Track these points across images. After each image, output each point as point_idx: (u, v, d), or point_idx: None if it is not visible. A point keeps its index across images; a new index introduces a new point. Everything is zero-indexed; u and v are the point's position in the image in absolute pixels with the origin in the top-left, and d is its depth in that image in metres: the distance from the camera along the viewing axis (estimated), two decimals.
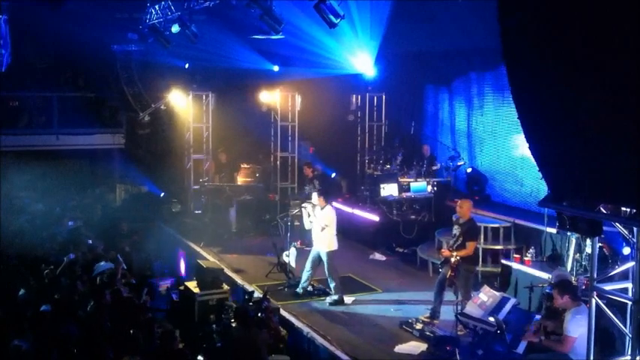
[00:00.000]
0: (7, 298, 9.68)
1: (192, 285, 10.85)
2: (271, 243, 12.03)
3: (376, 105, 16.59)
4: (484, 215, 11.69)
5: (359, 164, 16.57)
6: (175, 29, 12.76)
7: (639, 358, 5.53)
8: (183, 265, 13.34)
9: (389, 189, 13.74)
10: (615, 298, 5.70)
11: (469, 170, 13.83)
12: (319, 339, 8.94)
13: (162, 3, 13.19)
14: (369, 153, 16.39)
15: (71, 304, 9.34)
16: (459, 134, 14.54)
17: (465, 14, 11.46)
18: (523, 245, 11.05)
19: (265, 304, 9.16)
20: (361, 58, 14.93)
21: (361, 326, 9.49)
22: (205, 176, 16.18)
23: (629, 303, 5.59)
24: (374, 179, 14.58)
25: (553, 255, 10.38)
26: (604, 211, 5.19)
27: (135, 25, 14.75)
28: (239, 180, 15.90)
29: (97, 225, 15.53)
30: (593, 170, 4.60)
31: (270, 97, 16.17)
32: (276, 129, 16.16)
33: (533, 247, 10.65)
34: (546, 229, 10.54)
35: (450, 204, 12.13)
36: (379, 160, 15.44)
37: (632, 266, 5.52)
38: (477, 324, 7.83)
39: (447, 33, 12.81)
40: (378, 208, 13.72)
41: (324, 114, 16.47)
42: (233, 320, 9.12)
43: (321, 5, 9.41)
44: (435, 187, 14.00)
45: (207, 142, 16.34)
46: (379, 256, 13.11)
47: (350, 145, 16.77)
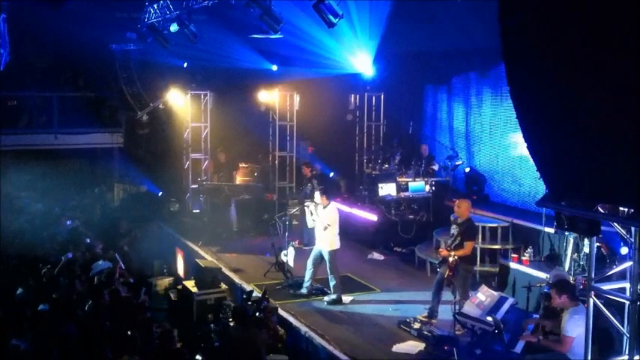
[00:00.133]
0: (6, 298, 9.68)
1: (191, 284, 10.86)
2: (270, 243, 12.03)
3: (375, 105, 16.60)
4: (482, 215, 11.71)
5: (357, 164, 16.58)
6: (174, 28, 12.73)
7: (637, 357, 5.55)
8: (181, 265, 13.33)
9: (387, 189, 13.75)
10: (613, 297, 5.71)
11: (467, 170, 13.84)
12: (317, 338, 8.94)
13: (161, 2, 13.15)
14: (367, 153, 16.41)
15: (69, 303, 9.33)
16: (457, 134, 14.55)
17: (464, 14, 11.47)
18: (521, 245, 11.08)
19: (264, 303, 9.16)
20: (360, 57, 14.91)
21: (359, 326, 9.49)
22: (204, 175, 16.18)
23: (626, 303, 5.60)
24: (372, 179, 14.57)
25: (551, 255, 10.37)
26: (602, 211, 5.20)
27: (134, 25, 14.73)
28: (238, 179, 15.90)
29: (97, 224, 15.53)
30: (592, 170, 4.61)
31: (269, 97, 16.15)
32: (275, 128, 16.14)
33: (531, 247, 10.68)
34: (544, 228, 10.56)
35: (449, 204, 12.15)
36: (377, 160, 15.45)
37: (630, 266, 5.53)
38: (475, 323, 7.84)
39: (446, 33, 12.82)
40: (376, 207, 13.72)
41: (322, 114, 16.46)
42: (231, 320, 9.12)
43: (320, 5, 9.40)
44: (434, 187, 14.01)
45: (206, 142, 16.34)
46: (377, 256, 13.11)
47: (348, 145, 16.77)
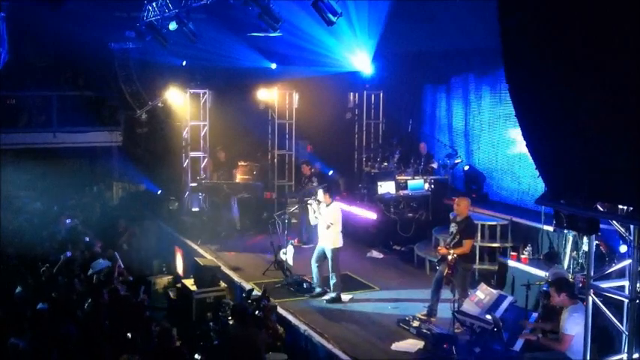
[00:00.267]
0: (6, 297, 9.68)
1: (190, 283, 10.86)
2: (269, 242, 12.02)
3: (374, 103, 16.60)
4: (481, 213, 11.71)
5: (356, 162, 16.58)
6: (173, 27, 12.70)
7: (636, 355, 5.56)
8: (180, 263, 13.34)
9: (386, 187, 13.74)
10: (612, 295, 5.71)
11: (466, 168, 13.84)
12: (317, 337, 8.95)
13: (160, 1, 13.14)
14: (366, 151, 16.41)
15: (69, 302, 9.34)
16: (456, 132, 14.55)
17: (464, 14, 11.46)
18: (520, 243, 11.08)
19: (264, 302, 9.16)
20: (359, 56, 14.90)
21: (358, 324, 9.49)
22: (203, 174, 16.17)
23: (625, 301, 5.61)
24: (371, 177, 14.56)
25: (550, 253, 10.38)
26: (601, 210, 5.20)
27: (133, 23, 14.71)
28: (237, 178, 15.90)
29: (96, 223, 15.54)
30: (591, 169, 4.61)
31: (268, 95, 16.13)
32: (274, 127, 16.13)
33: (530, 245, 10.68)
34: (543, 226, 10.57)
35: (448, 202, 12.16)
36: (377, 158, 15.45)
37: (629, 264, 5.54)
38: (474, 322, 7.84)
39: (445, 33, 12.80)
40: (375, 206, 13.71)
41: (321, 112, 16.45)
42: (230, 318, 9.13)
43: (319, 3, 9.39)
44: (433, 185, 14.00)
45: (205, 140, 16.33)
46: (376, 254, 13.12)
47: (347, 143, 16.77)
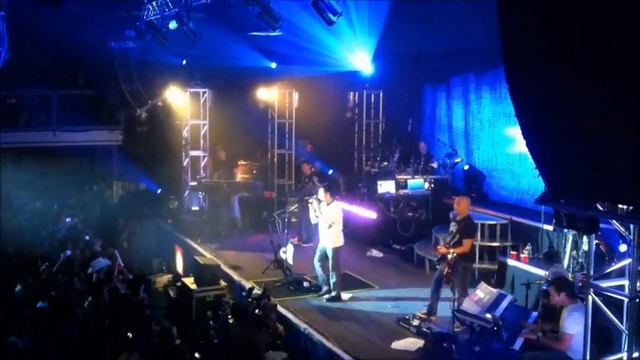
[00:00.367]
0: (6, 296, 9.68)
1: (190, 281, 10.87)
2: (269, 240, 12.02)
3: (374, 102, 16.59)
4: (481, 212, 11.72)
5: (356, 161, 16.58)
6: (173, 26, 12.71)
7: (635, 354, 5.57)
8: (180, 262, 13.35)
9: (386, 186, 13.74)
10: (612, 295, 5.72)
11: (466, 167, 13.85)
12: (317, 335, 8.96)
13: (160, 0, 13.16)
14: (366, 150, 16.41)
15: (69, 301, 9.34)
16: (456, 132, 14.55)
17: (464, 14, 11.46)
18: (520, 242, 11.08)
19: (265, 301, 9.17)
20: (359, 55, 14.90)
21: (358, 323, 9.50)
22: (203, 173, 16.16)
23: (625, 300, 5.62)
24: (371, 176, 14.56)
25: (550, 252, 10.41)
26: (601, 209, 5.21)
27: (133, 23, 14.71)
28: (238, 177, 15.90)
29: (96, 222, 15.54)
30: (591, 169, 4.62)
31: (268, 95, 16.13)
32: (274, 126, 16.13)
33: (530, 244, 10.69)
34: (543, 226, 10.58)
35: (448, 201, 12.16)
36: (376, 158, 15.45)
37: (629, 263, 5.54)
38: (474, 321, 7.85)
39: (445, 32, 12.80)
40: (375, 205, 13.71)
41: (321, 111, 16.45)
42: (230, 317, 9.13)
43: (319, 3, 9.39)
44: (432, 185, 14.01)
45: (205, 139, 16.32)
46: (376, 253, 13.12)
47: (347, 143, 16.77)
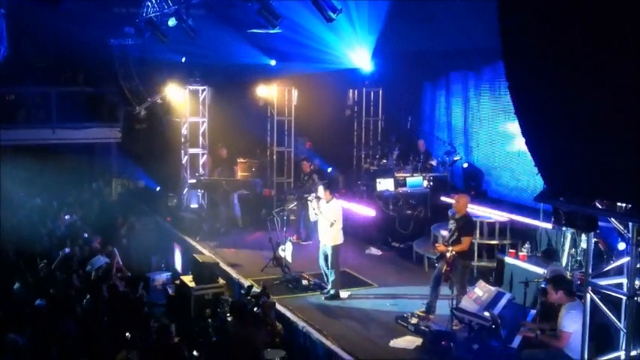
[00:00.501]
0: (6, 294, 9.67)
1: (188, 279, 10.86)
2: (268, 238, 12.01)
3: (373, 100, 16.58)
4: (480, 210, 11.71)
5: (355, 159, 16.57)
6: (172, 23, 12.70)
7: (633, 353, 5.57)
8: (179, 260, 13.35)
9: (385, 184, 13.74)
10: (610, 293, 5.72)
11: (465, 165, 13.85)
12: (315, 333, 8.96)
13: None
14: (365, 148, 16.41)
15: (67, 299, 9.34)
16: (455, 130, 14.56)
17: (463, 14, 11.45)
18: (519, 240, 11.07)
19: (264, 299, 9.16)
20: (358, 52, 14.90)
21: (357, 321, 9.51)
22: (202, 170, 16.14)
23: (623, 298, 5.62)
24: (370, 174, 14.57)
25: (548, 250, 10.42)
26: (600, 207, 5.20)
27: (132, 20, 14.70)
28: (239, 174, 15.88)
29: (95, 220, 15.52)
30: (591, 167, 4.61)
31: (267, 92, 16.10)
32: (273, 124, 16.12)
33: (528, 243, 10.68)
34: (542, 224, 10.57)
35: (447, 199, 12.16)
36: (376, 155, 15.45)
37: (627, 261, 5.54)
38: (473, 319, 7.86)
39: (445, 32, 12.78)
40: (374, 203, 13.70)
41: (321, 109, 16.43)
42: (229, 315, 9.13)
43: (319, 0, 9.39)
44: (431, 183, 14.01)
45: (204, 137, 16.29)
46: (375, 251, 13.12)
47: (346, 140, 16.77)
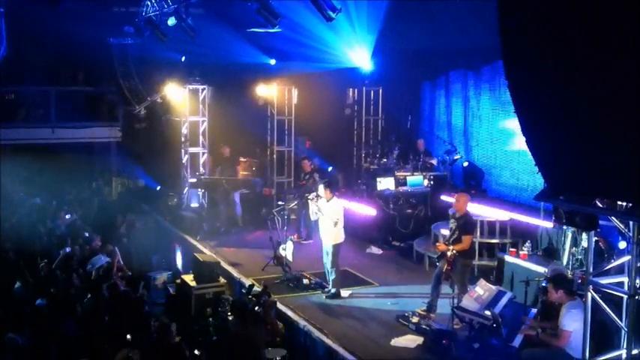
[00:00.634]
0: (6, 294, 9.67)
1: (189, 278, 10.86)
2: (269, 237, 12.00)
3: (373, 99, 16.57)
4: (480, 209, 11.70)
5: (355, 158, 16.56)
6: (171, 22, 12.70)
7: (635, 351, 5.57)
8: (180, 259, 13.34)
9: (385, 183, 13.73)
10: (611, 292, 5.72)
11: (465, 164, 13.84)
12: (316, 332, 8.96)
13: None
14: (365, 147, 16.40)
15: (68, 298, 9.33)
16: (455, 128, 14.56)
17: (463, 13, 11.43)
18: (519, 239, 11.08)
19: (265, 298, 9.16)
20: (358, 52, 14.89)
21: (358, 320, 9.52)
22: (202, 170, 16.13)
23: (624, 297, 5.62)
24: (370, 173, 14.57)
25: (549, 248, 10.41)
26: (600, 206, 5.20)
27: (131, 19, 14.68)
28: (240, 174, 15.86)
29: (94, 219, 15.51)
30: (591, 166, 4.61)
31: (267, 91, 16.09)
32: (273, 123, 16.12)
33: (529, 241, 10.68)
34: (542, 223, 10.57)
35: (447, 198, 12.15)
36: (376, 154, 15.44)
37: (628, 260, 5.54)
38: (473, 318, 7.87)
39: (444, 31, 12.76)
40: (374, 202, 13.69)
41: (320, 108, 16.41)
42: (230, 314, 9.12)
43: None
44: (432, 182, 14.01)
45: (204, 136, 16.28)
46: (376, 250, 13.12)
47: (346, 140, 16.76)
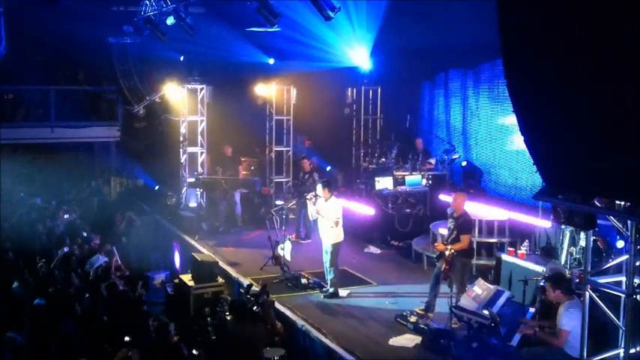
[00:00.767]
0: (5, 293, 9.65)
1: (187, 278, 10.86)
2: (267, 237, 11.99)
3: (372, 98, 16.57)
4: (479, 209, 11.70)
5: (354, 157, 16.57)
6: (170, 21, 12.71)
7: (632, 351, 5.57)
8: (178, 258, 13.33)
9: (384, 182, 13.72)
10: (609, 291, 5.72)
11: (464, 164, 13.84)
12: (314, 332, 8.95)
13: None
14: (364, 146, 16.40)
15: (66, 297, 9.32)
16: (454, 128, 14.55)
17: (462, 11, 11.42)
18: (517, 238, 11.08)
19: (263, 297, 9.15)
20: (357, 51, 14.88)
21: (356, 319, 9.51)
22: (201, 169, 16.12)
23: (622, 296, 5.62)
24: (369, 173, 14.56)
25: (547, 248, 10.41)
26: (599, 205, 5.20)
27: (131, 18, 14.68)
28: (242, 173, 15.85)
29: (94, 218, 15.51)
30: (590, 166, 4.61)
31: (266, 91, 16.10)
32: (272, 122, 16.11)
33: (527, 241, 10.68)
34: (541, 222, 10.57)
35: (446, 197, 12.14)
36: (374, 154, 15.44)
37: (626, 259, 5.54)
38: (472, 317, 7.86)
39: (443, 30, 12.75)
40: (373, 201, 13.68)
41: (319, 107, 16.41)
42: (228, 313, 9.12)
43: None
44: (430, 181, 14.01)
45: (203, 135, 16.28)
46: (374, 250, 13.12)
47: (345, 139, 16.75)
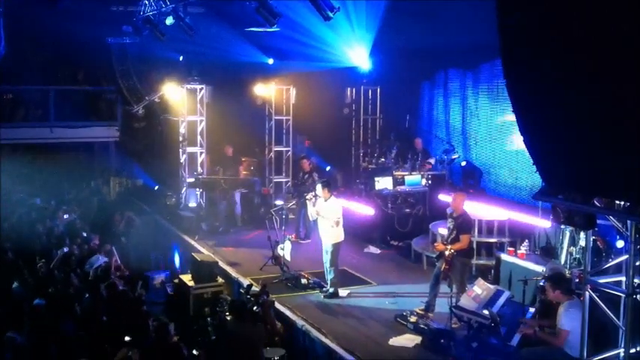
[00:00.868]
0: (5, 293, 9.65)
1: (187, 278, 10.86)
2: (267, 237, 11.99)
3: (371, 98, 16.57)
4: (479, 209, 11.70)
5: (354, 157, 16.56)
6: (169, 21, 12.71)
7: (632, 350, 5.57)
8: (178, 258, 13.34)
9: (384, 182, 13.72)
10: (609, 291, 5.72)
11: (464, 164, 13.83)
12: (314, 332, 8.95)
13: None
14: (363, 146, 16.39)
15: (66, 297, 9.32)
16: (453, 128, 14.55)
17: (462, 11, 11.42)
18: (517, 238, 11.08)
19: (263, 297, 9.15)
20: (356, 51, 14.88)
21: (356, 319, 9.51)
22: (200, 169, 16.11)
23: (622, 296, 5.62)
24: (369, 173, 14.56)
25: (546, 247, 10.42)
26: (598, 205, 5.20)
27: (130, 18, 14.68)
28: (242, 173, 15.85)
29: (93, 218, 15.50)
30: (589, 165, 4.62)
31: (265, 91, 16.09)
32: (271, 122, 16.11)
33: (527, 240, 10.69)
34: (540, 222, 10.58)
35: (446, 197, 12.14)
36: (374, 154, 15.43)
37: (626, 259, 5.54)
38: (472, 317, 7.87)
39: (442, 30, 12.74)
40: (372, 201, 13.69)
41: (319, 107, 16.41)
42: (228, 313, 9.11)
43: None
44: (430, 181, 14.01)
45: (202, 136, 16.28)
46: (374, 250, 13.12)
47: (345, 139, 16.74)
